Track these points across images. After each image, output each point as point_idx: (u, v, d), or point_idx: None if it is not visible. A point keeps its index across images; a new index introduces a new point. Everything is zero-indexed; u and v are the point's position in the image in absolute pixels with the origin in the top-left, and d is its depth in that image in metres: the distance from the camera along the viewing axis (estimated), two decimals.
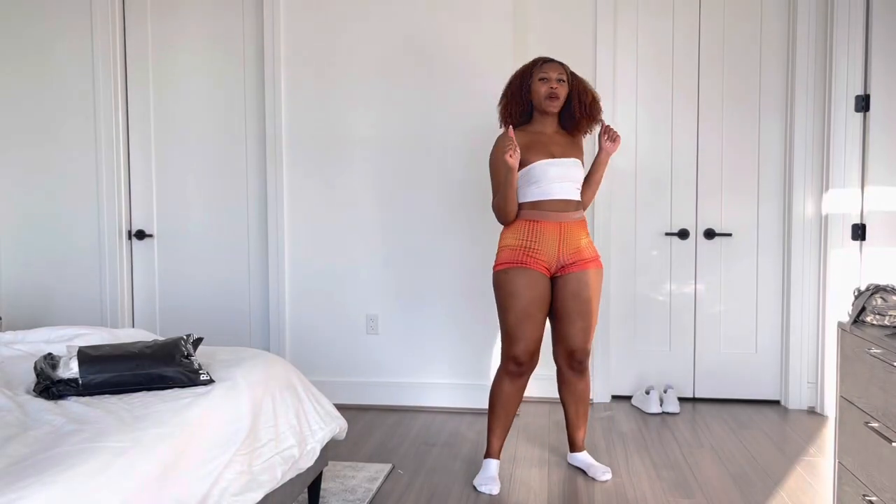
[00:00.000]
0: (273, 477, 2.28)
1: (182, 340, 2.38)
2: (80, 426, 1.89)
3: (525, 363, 3.10)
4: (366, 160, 4.22)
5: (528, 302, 3.04)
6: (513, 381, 3.13)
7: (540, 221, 3.07)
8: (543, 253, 3.06)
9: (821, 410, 4.15)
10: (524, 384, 3.16)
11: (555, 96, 3.11)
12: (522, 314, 3.05)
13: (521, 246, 3.07)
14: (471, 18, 4.08)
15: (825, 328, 4.09)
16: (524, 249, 3.06)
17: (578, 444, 3.34)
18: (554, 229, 3.07)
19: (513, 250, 3.08)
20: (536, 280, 3.06)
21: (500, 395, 3.15)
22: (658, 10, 4.28)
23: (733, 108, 4.26)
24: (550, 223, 3.07)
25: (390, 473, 3.26)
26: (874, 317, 2.43)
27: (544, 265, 3.07)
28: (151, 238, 4.48)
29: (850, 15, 3.93)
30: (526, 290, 3.04)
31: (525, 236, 3.07)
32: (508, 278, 3.07)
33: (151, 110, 4.42)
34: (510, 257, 3.08)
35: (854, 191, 4.00)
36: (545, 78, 3.12)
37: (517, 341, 3.07)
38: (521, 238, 3.08)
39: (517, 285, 3.05)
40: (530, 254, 3.06)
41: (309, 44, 4.21)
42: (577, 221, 3.13)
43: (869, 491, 2.36)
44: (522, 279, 3.04)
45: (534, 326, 3.07)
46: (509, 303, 3.06)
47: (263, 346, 4.35)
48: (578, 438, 3.33)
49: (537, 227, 3.07)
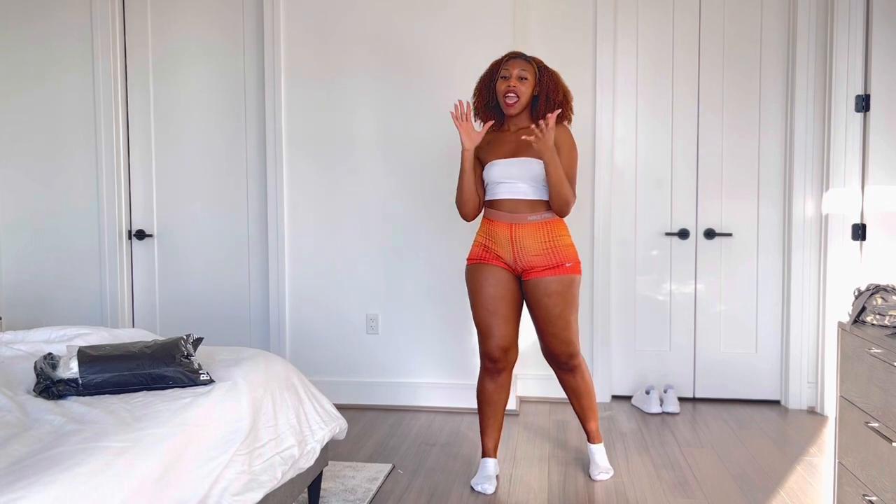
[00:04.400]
0: (273, 477, 2.28)
1: (182, 340, 2.38)
2: (80, 426, 1.89)
3: (499, 359, 3.08)
4: (366, 160, 4.22)
5: (490, 299, 3.03)
6: (492, 378, 3.13)
7: (494, 221, 3.07)
8: (500, 252, 3.04)
9: (821, 410, 4.14)
10: (506, 381, 3.15)
11: (511, 97, 3.01)
12: (486, 311, 3.04)
13: (482, 243, 3.09)
14: (471, 19, 4.08)
15: (825, 328, 4.09)
16: (484, 247, 3.08)
17: (590, 435, 3.27)
18: (505, 230, 3.03)
19: (477, 247, 3.11)
20: (498, 277, 3.04)
21: (483, 394, 3.15)
22: (658, 10, 4.28)
23: (733, 108, 4.26)
24: (502, 223, 3.04)
25: (390, 473, 3.26)
26: (874, 317, 2.43)
27: (504, 263, 3.04)
28: (151, 238, 4.48)
29: (850, 15, 3.93)
30: (488, 288, 3.03)
31: (485, 234, 3.09)
32: (470, 275, 3.10)
33: (151, 110, 4.42)
34: (474, 254, 3.11)
35: (854, 191, 4.00)
36: (505, 76, 3.04)
37: (487, 338, 3.07)
38: (484, 236, 3.10)
39: (477, 282, 3.06)
40: (489, 251, 3.06)
41: (309, 44, 4.21)
42: (535, 223, 3.00)
43: (869, 491, 2.36)
44: (482, 276, 3.05)
45: (502, 323, 3.05)
46: (474, 300, 3.08)
47: (263, 346, 4.35)
48: (589, 430, 3.26)
49: (493, 226, 3.07)
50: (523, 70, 3.03)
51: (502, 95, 3.04)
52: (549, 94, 3.05)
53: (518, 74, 3.02)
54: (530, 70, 3.04)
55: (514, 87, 3.01)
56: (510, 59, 3.07)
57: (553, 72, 3.11)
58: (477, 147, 3.09)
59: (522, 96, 3.03)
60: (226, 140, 4.38)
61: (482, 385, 3.15)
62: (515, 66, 3.03)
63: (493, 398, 3.14)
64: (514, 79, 3.02)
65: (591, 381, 3.23)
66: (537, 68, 3.07)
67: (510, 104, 3.03)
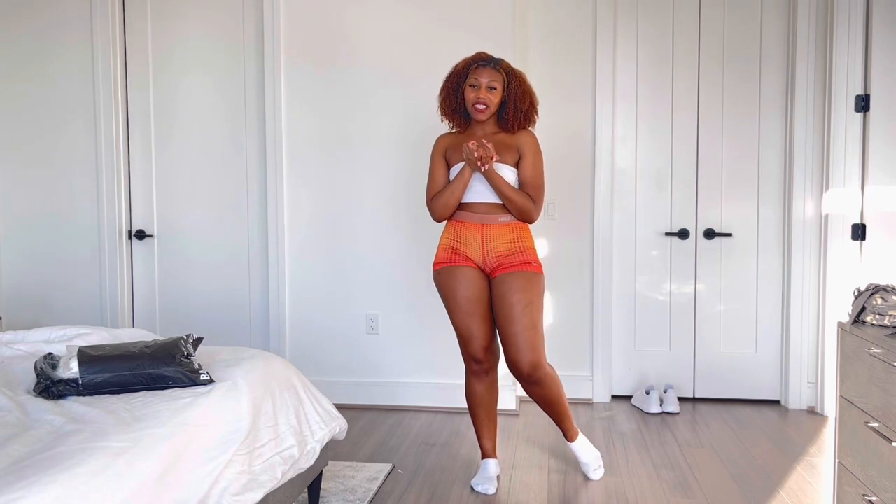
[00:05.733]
0: (273, 477, 2.28)
1: (182, 340, 2.38)
2: (80, 426, 1.89)
3: (484, 360, 3.08)
4: (366, 160, 4.22)
5: (466, 301, 3.02)
6: (479, 379, 3.13)
7: (463, 222, 3.07)
8: (469, 252, 3.04)
9: (821, 410, 4.14)
10: (493, 381, 3.15)
11: (481, 108, 3.02)
12: (464, 314, 3.04)
13: (450, 245, 3.08)
14: (471, 20, 4.08)
15: (825, 328, 4.09)
16: (452, 249, 3.07)
17: (566, 434, 3.21)
18: (476, 231, 3.04)
19: (444, 250, 3.09)
20: (469, 277, 3.03)
21: (473, 397, 3.15)
22: (658, 10, 4.28)
23: (733, 108, 4.26)
24: (473, 224, 3.04)
25: (390, 473, 3.26)
26: (874, 317, 2.43)
27: (473, 263, 3.04)
28: (151, 238, 4.48)
29: (850, 15, 3.93)
30: (462, 290, 3.02)
31: (452, 236, 3.08)
32: (442, 280, 3.08)
33: (151, 110, 4.42)
34: (441, 257, 3.09)
35: (854, 191, 4.00)
36: (475, 85, 3.02)
37: (468, 340, 3.06)
38: (451, 238, 3.09)
39: (451, 286, 3.04)
40: (458, 252, 3.05)
41: (309, 44, 4.21)
42: (504, 224, 3.02)
43: (869, 491, 2.36)
44: (455, 279, 3.04)
45: (480, 323, 3.04)
46: (449, 304, 3.07)
47: (263, 346, 4.35)
48: (564, 428, 3.19)
49: (462, 227, 3.06)
50: (493, 80, 3.01)
51: (471, 105, 3.04)
52: (516, 102, 3.05)
53: (488, 84, 3.01)
54: (499, 79, 3.02)
55: (483, 98, 3.01)
56: (479, 67, 3.04)
57: (521, 76, 3.09)
58: (445, 148, 3.13)
59: (492, 105, 3.03)
60: (226, 140, 4.37)
61: (471, 388, 3.15)
62: (484, 76, 3.00)
63: (483, 399, 3.14)
64: (483, 89, 3.01)
65: (559, 386, 3.08)
66: (505, 75, 3.05)
67: (480, 112, 3.03)
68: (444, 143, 3.16)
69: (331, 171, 4.25)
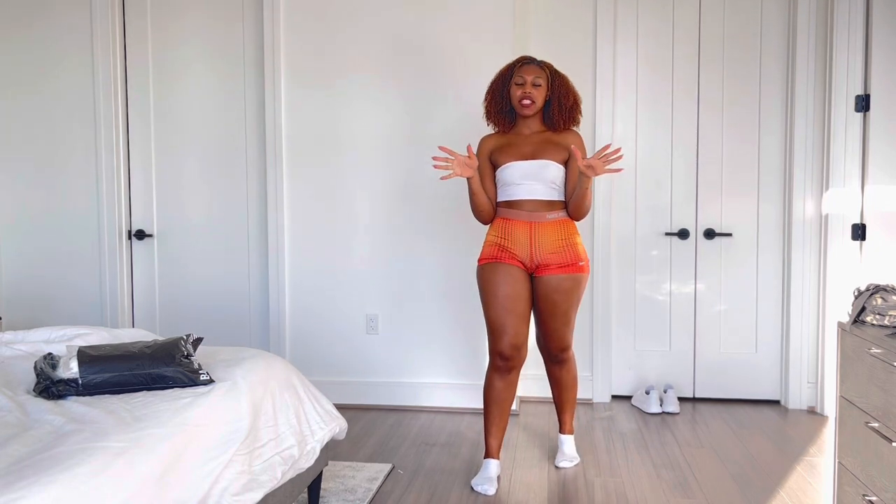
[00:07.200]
0: (273, 477, 2.28)
1: (182, 340, 2.38)
2: (80, 426, 1.89)
3: (511, 357, 3.11)
4: (366, 160, 4.22)
5: (505, 297, 3.07)
6: (502, 376, 3.14)
7: (511, 220, 3.14)
8: (517, 250, 3.11)
9: (821, 410, 4.14)
10: (514, 380, 3.17)
11: (527, 103, 3.14)
12: (501, 309, 3.08)
13: (497, 243, 3.14)
14: (471, 19, 4.08)
15: (825, 328, 4.09)
16: (499, 246, 3.13)
17: (563, 426, 3.43)
18: (524, 228, 3.11)
19: (490, 246, 3.16)
20: (513, 275, 3.09)
21: (491, 392, 3.16)
22: (658, 9, 4.28)
23: (733, 108, 4.26)
24: (521, 222, 3.12)
25: (390, 473, 3.26)
26: (874, 317, 2.43)
27: (519, 261, 3.11)
28: (151, 238, 4.48)
29: (850, 15, 3.93)
30: (502, 286, 3.08)
31: (500, 233, 3.16)
32: (485, 274, 3.14)
33: (151, 110, 4.42)
34: (487, 253, 3.16)
35: (854, 191, 4.00)
36: (521, 82, 3.15)
37: (500, 336, 3.09)
38: (497, 235, 3.16)
39: (493, 282, 3.10)
40: (505, 250, 3.12)
41: (309, 44, 4.21)
42: (552, 222, 3.12)
43: (869, 491, 2.36)
44: (498, 275, 3.10)
45: (515, 321, 3.08)
46: (488, 298, 3.12)
47: (263, 346, 4.35)
48: (564, 420, 3.43)
49: (509, 224, 3.14)
50: (537, 77, 3.15)
51: (518, 101, 3.15)
52: (560, 100, 3.18)
53: (533, 81, 3.14)
54: (543, 76, 3.16)
55: (529, 94, 3.13)
56: (523, 65, 3.18)
57: (563, 76, 3.24)
58: (491, 150, 3.23)
59: (538, 101, 3.15)
60: (226, 140, 4.37)
61: (491, 383, 3.16)
62: (530, 73, 3.15)
63: (501, 396, 3.15)
64: (528, 85, 3.14)
65: (576, 375, 3.40)
66: (549, 73, 3.19)
67: (526, 108, 3.15)
68: (489, 146, 3.26)
69: (330, 171, 4.25)
